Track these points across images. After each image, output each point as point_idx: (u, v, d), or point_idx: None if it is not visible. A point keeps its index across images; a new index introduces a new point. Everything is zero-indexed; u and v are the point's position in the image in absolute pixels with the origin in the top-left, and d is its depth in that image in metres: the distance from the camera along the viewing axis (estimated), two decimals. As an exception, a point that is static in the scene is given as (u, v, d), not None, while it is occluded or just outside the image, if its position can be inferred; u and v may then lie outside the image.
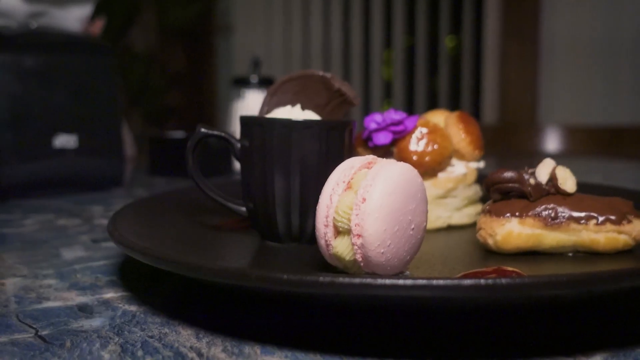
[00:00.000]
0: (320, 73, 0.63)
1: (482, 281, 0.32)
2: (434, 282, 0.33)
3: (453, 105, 2.89)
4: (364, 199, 0.45)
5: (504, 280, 0.32)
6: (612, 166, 1.62)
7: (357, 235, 0.45)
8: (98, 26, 1.24)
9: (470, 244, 0.61)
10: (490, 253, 0.57)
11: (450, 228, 0.69)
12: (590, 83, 2.49)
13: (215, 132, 0.59)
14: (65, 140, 1.04)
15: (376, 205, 0.44)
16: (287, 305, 0.45)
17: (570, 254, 0.55)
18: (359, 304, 0.40)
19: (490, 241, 0.56)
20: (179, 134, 1.44)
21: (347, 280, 0.34)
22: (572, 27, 2.50)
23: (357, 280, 0.34)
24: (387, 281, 0.33)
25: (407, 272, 0.49)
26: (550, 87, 2.58)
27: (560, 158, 1.96)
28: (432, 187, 0.68)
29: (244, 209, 0.61)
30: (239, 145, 0.60)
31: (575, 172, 0.58)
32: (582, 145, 2.30)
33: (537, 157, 2.00)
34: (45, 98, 1.03)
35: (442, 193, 0.68)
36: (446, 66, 2.93)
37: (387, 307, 0.41)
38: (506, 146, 2.35)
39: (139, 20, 3.63)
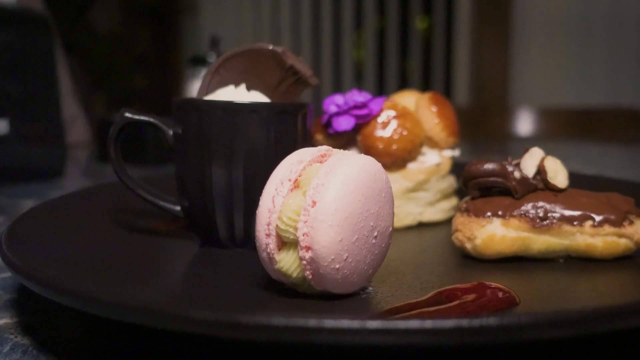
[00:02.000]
0: (270, 47, 0.53)
1: (465, 323, 0.24)
2: (400, 324, 0.24)
3: (424, 87, 2.81)
4: (314, 202, 0.36)
5: (492, 321, 0.24)
6: (589, 150, 1.56)
7: (306, 247, 0.36)
8: None
9: (445, 247, 0.52)
10: (469, 259, 0.48)
11: (421, 226, 0.61)
12: (563, 65, 2.46)
13: (142, 118, 0.50)
14: (-6, 126, 0.93)
15: (330, 209, 0.35)
16: (215, 344, 0.36)
17: (561, 260, 0.47)
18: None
19: (468, 245, 0.48)
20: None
21: (282, 322, 0.25)
22: (545, 9, 2.45)
23: (296, 323, 0.25)
24: (333, 324, 0.24)
25: (370, 288, 0.41)
26: (523, 68, 2.53)
27: (534, 141, 1.90)
28: (401, 179, 0.59)
29: (178, 208, 0.51)
30: (171, 132, 0.50)
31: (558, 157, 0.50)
32: (554, 127, 2.24)
33: (510, 140, 1.93)
34: (-29, 78, 0.91)
35: (412, 186, 0.60)
36: (418, 47, 2.86)
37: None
38: (478, 129, 2.29)
39: (102, -2, 3.48)
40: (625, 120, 2.08)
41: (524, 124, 2.29)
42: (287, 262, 0.37)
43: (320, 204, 0.35)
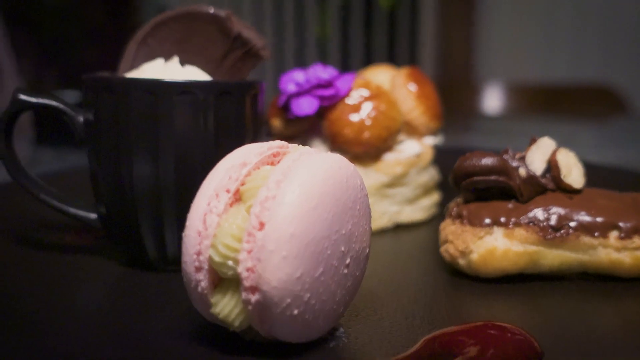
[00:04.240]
0: (212, 10, 0.42)
1: None
2: None
3: (390, 62, 2.72)
4: (262, 224, 0.25)
5: None
6: (561, 128, 1.48)
7: (251, 288, 0.25)
8: None
9: (430, 257, 0.43)
10: (462, 276, 0.39)
11: (398, 228, 0.51)
12: (529, 40, 2.42)
13: (41, 101, 0.38)
14: None
15: (284, 234, 0.25)
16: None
17: (575, 277, 0.38)
18: None
19: (462, 261, 0.38)
20: (73, 94, 1.19)
21: None
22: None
23: None
24: None
25: (340, 330, 0.31)
26: (489, 43, 2.48)
27: (502, 119, 1.82)
28: (375, 172, 0.50)
29: (94, 216, 0.40)
30: (81, 119, 0.39)
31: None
32: (522, 103, 2.19)
33: (478, 118, 1.85)
34: None
35: (388, 181, 0.50)
36: (382, 22, 2.76)
37: None
38: (444, 106, 2.22)
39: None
40: (593, 96, 2.04)
41: (491, 100, 2.23)
42: (225, 307, 0.26)
43: (271, 226, 0.25)
